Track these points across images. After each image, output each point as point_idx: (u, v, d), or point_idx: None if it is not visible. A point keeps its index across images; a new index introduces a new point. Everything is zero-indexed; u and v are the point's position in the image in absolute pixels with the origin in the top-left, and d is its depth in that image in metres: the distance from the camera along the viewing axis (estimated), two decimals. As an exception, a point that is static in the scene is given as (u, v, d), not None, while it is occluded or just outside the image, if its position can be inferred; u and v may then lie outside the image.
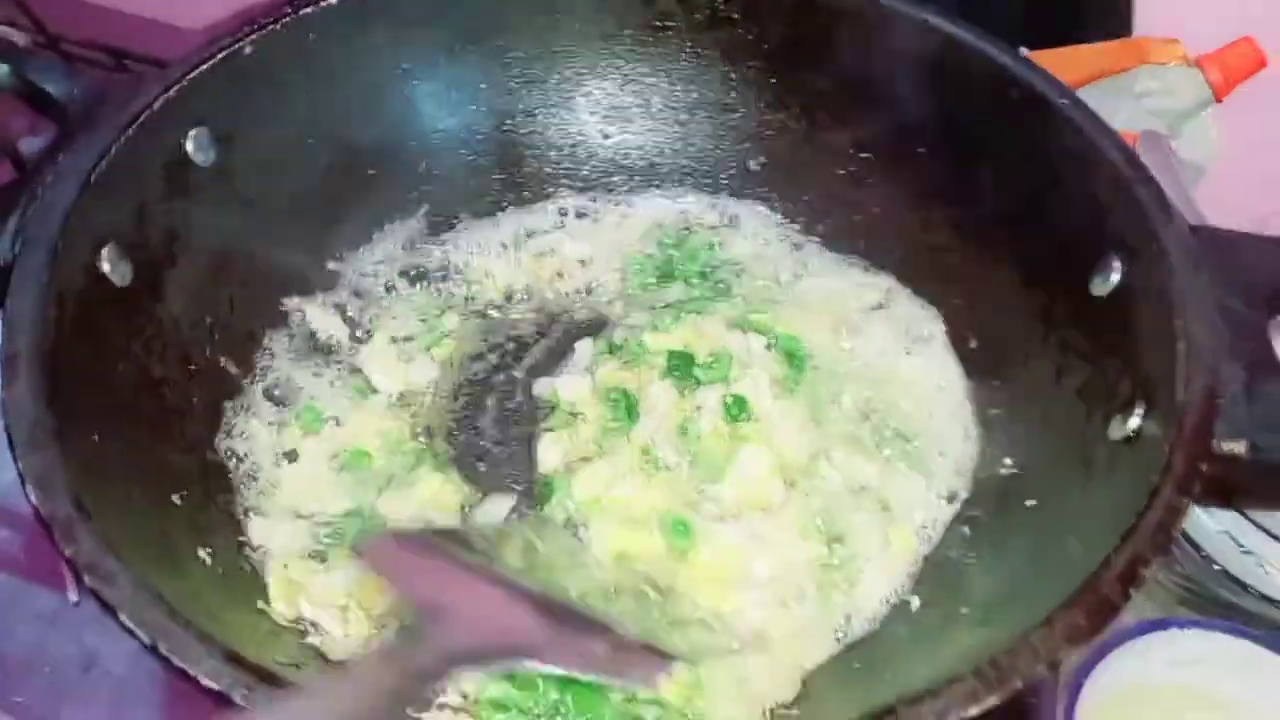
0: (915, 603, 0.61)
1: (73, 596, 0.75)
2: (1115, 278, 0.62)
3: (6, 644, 0.74)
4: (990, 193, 0.72)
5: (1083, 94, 0.69)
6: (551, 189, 0.85)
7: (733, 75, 0.83)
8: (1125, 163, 0.63)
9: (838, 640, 0.60)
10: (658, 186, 0.85)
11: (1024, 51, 0.81)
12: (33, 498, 0.46)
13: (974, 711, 0.40)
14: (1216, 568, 0.80)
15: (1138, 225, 0.60)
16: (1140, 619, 0.67)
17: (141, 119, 0.65)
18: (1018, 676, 0.41)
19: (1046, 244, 0.68)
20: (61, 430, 0.50)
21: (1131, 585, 0.44)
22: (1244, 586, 0.79)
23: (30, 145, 1.05)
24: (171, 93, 0.66)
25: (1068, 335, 0.65)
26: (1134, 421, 0.55)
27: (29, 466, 0.47)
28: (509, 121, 0.84)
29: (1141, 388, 0.56)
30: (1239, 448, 0.50)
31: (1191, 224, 0.60)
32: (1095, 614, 0.43)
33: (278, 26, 0.72)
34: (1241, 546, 0.78)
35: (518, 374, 0.76)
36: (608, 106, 0.85)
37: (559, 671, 0.47)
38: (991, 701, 0.40)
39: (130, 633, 0.42)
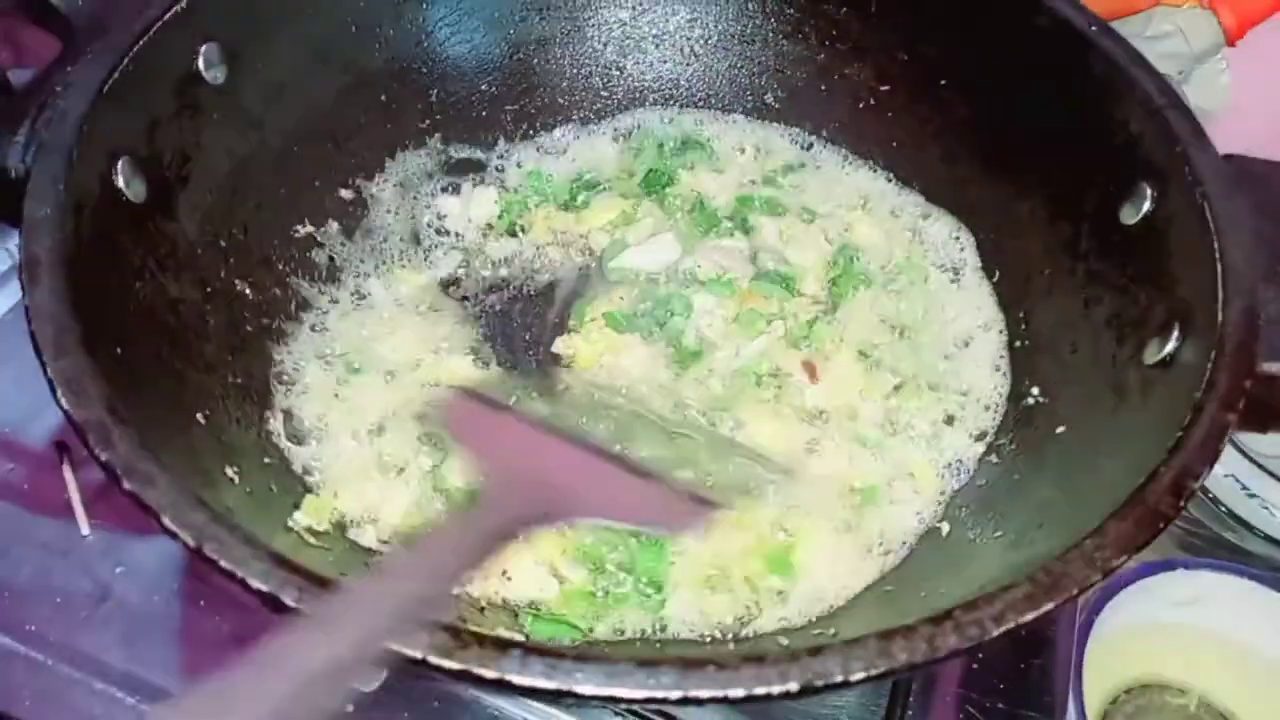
0: (945, 529, 0.62)
1: (84, 529, 0.74)
2: (1146, 205, 0.61)
3: (15, 574, 0.72)
4: (1015, 124, 0.71)
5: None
6: (563, 120, 0.84)
7: (750, 4, 0.82)
8: (1157, 90, 0.62)
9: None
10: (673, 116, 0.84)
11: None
12: (64, 403, 0.45)
13: (1029, 617, 0.40)
14: (1222, 509, 0.81)
15: (1170, 151, 0.60)
16: (1143, 561, 0.68)
17: (152, 31, 0.62)
18: (1072, 583, 0.41)
19: (1073, 174, 0.67)
20: (86, 337, 0.48)
21: (1181, 498, 0.44)
22: (1249, 528, 0.80)
23: (19, 77, 1.02)
24: (181, 5, 0.64)
25: (1096, 265, 0.65)
26: (1170, 345, 0.55)
27: (59, 371, 0.46)
28: (522, 50, 0.83)
29: (1177, 312, 0.56)
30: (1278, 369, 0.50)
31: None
32: (1146, 524, 0.43)
33: (288, -59, 0.70)
34: (1246, 489, 0.79)
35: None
36: (622, 37, 0.84)
37: (614, 525, 0.51)
38: (1047, 608, 0.40)
39: (174, 535, 0.41)
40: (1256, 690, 0.72)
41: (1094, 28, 0.66)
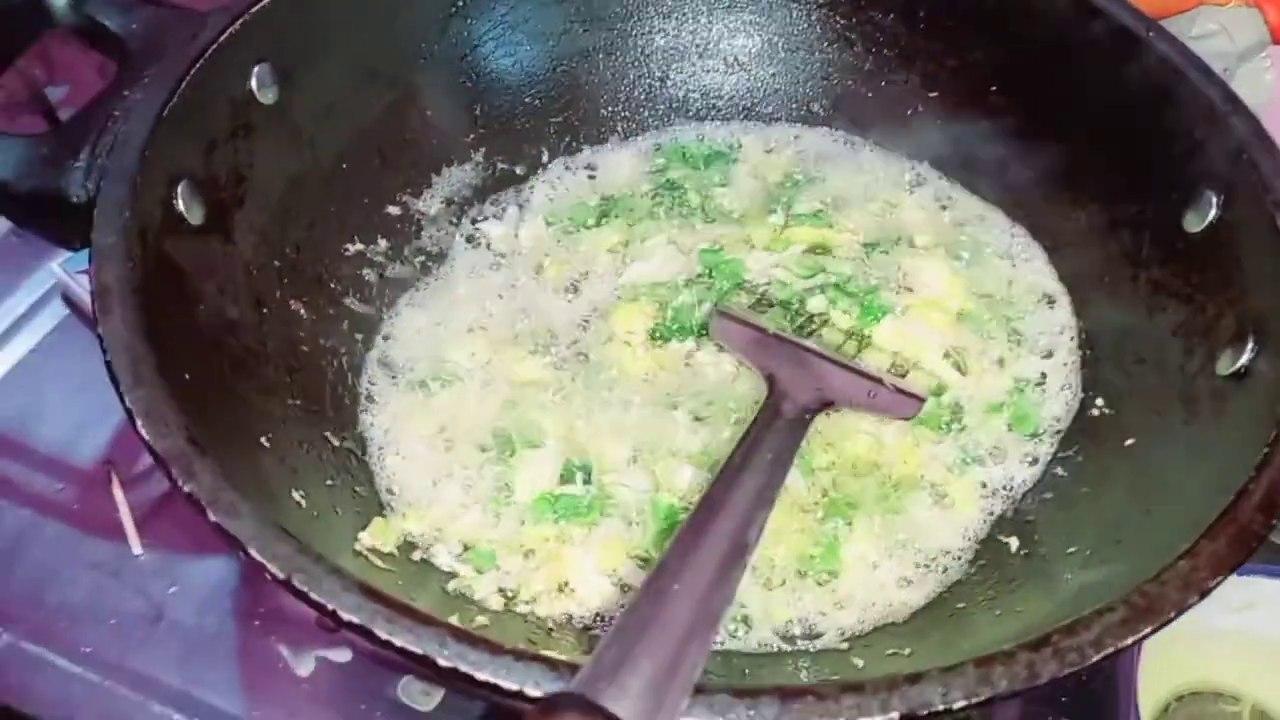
0: (1013, 544, 0.61)
1: (135, 549, 0.74)
2: (1212, 213, 0.61)
3: (69, 595, 0.73)
4: (1071, 129, 0.71)
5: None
6: (608, 133, 0.83)
7: (796, 13, 0.81)
8: (1220, 96, 0.62)
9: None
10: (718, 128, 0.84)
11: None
12: (145, 434, 0.45)
13: (1128, 641, 0.40)
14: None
15: (1235, 158, 0.59)
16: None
17: (208, 54, 0.63)
18: (1170, 606, 0.41)
19: (1132, 181, 0.67)
20: (161, 366, 0.48)
21: (1272, 516, 0.43)
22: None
23: (54, 94, 1.03)
24: (235, 27, 0.64)
25: (1159, 275, 0.64)
26: (1245, 357, 0.54)
27: (138, 401, 0.46)
28: (565, 63, 0.82)
29: (1252, 323, 0.55)
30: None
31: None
32: (1239, 544, 0.43)
33: (336, -42, 0.70)
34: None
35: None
36: (666, 48, 0.83)
37: (859, 411, 0.66)
38: (1145, 632, 0.40)
39: (262, 568, 0.41)
40: (1311, 699, 0.71)
41: (1151, 33, 0.66)
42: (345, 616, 0.39)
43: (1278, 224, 0.55)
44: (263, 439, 0.57)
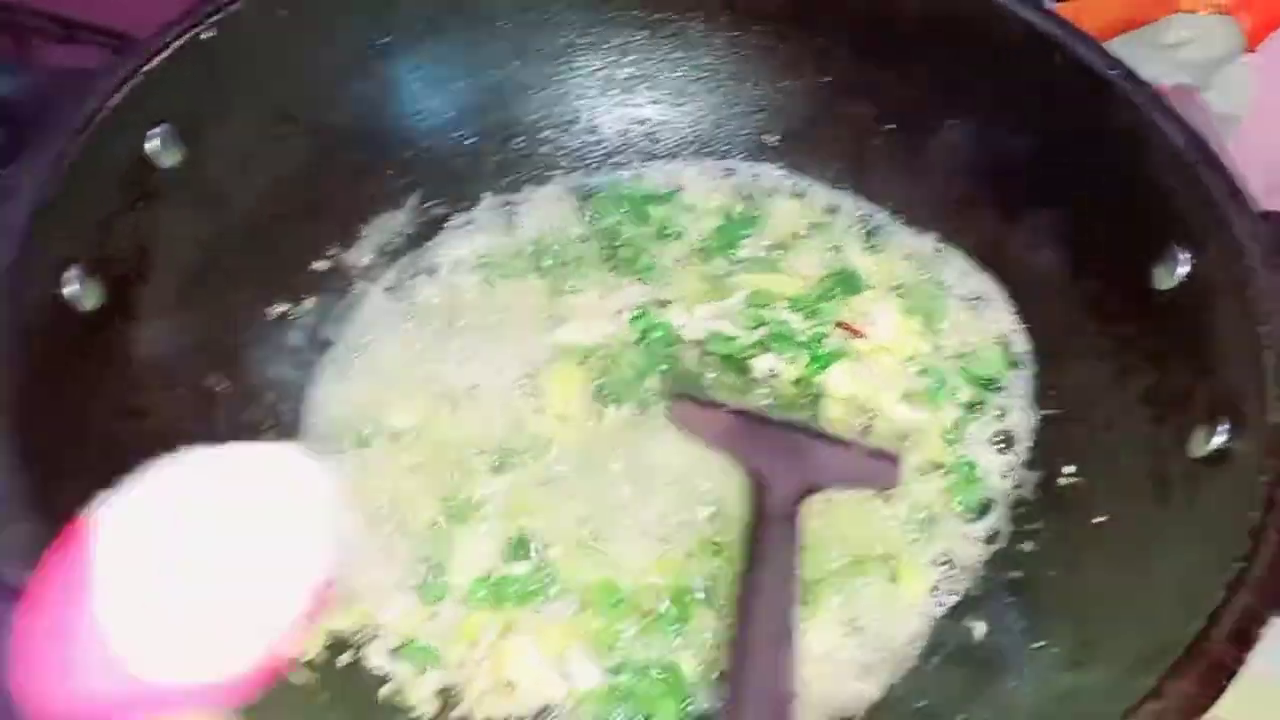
0: (980, 629, 0.57)
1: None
2: (1181, 270, 0.57)
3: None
4: (1036, 171, 0.66)
5: (1111, 47, 0.64)
6: (548, 171, 0.79)
7: (740, 39, 0.76)
8: (1187, 145, 0.57)
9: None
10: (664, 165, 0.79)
11: (1050, 1, 0.76)
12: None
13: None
14: None
15: (1204, 214, 0.55)
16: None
17: (95, 123, 0.58)
18: (1134, 761, 0.37)
19: (1097, 229, 0.63)
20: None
21: (1246, 648, 0.40)
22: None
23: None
24: (126, 90, 0.59)
25: (1126, 331, 0.60)
26: (1218, 440, 0.50)
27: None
28: (499, 98, 0.77)
29: (1223, 401, 0.51)
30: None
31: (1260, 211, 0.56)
32: (1209, 683, 0.39)
33: (241, 4, 0.64)
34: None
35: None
36: (606, 79, 0.78)
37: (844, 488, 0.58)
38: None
39: None
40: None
41: (1115, 71, 0.61)
42: None
43: (1247, 293, 0.50)
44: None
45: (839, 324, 0.69)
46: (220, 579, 0.40)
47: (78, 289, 0.56)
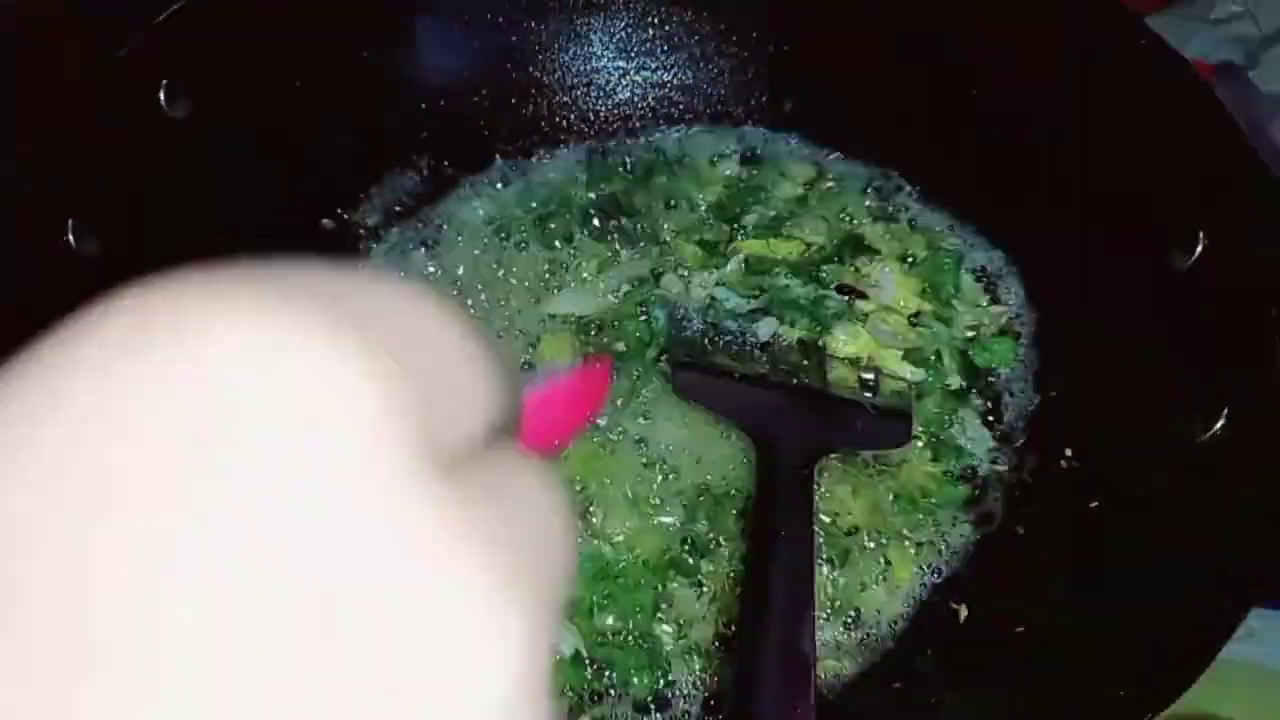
0: (964, 612, 0.56)
1: None
2: (1197, 252, 0.54)
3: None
4: (1054, 146, 0.64)
5: (1155, 21, 0.61)
6: (563, 134, 0.78)
7: (761, 2, 0.74)
8: (1218, 127, 0.55)
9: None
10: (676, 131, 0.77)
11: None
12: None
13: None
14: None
15: (1221, 197, 0.53)
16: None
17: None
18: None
19: (1116, 207, 0.60)
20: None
21: (1229, 634, 0.38)
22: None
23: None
24: (140, 39, 0.60)
25: (1137, 314, 0.58)
26: (1222, 425, 0.48)
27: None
28: (515, 58, 0.76)
29: (1231, 388, 0.49)
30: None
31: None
32: (1191, 667, 0.37)
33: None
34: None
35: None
36: (625, 40, 0.77)
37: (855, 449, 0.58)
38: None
39: None
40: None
41: (1142, 40, 0.59)
42: None
43: (1257, 277, 0.48)
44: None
45: (840, 286, 0.67)
46: None
47: (77, 236, 0.56)
